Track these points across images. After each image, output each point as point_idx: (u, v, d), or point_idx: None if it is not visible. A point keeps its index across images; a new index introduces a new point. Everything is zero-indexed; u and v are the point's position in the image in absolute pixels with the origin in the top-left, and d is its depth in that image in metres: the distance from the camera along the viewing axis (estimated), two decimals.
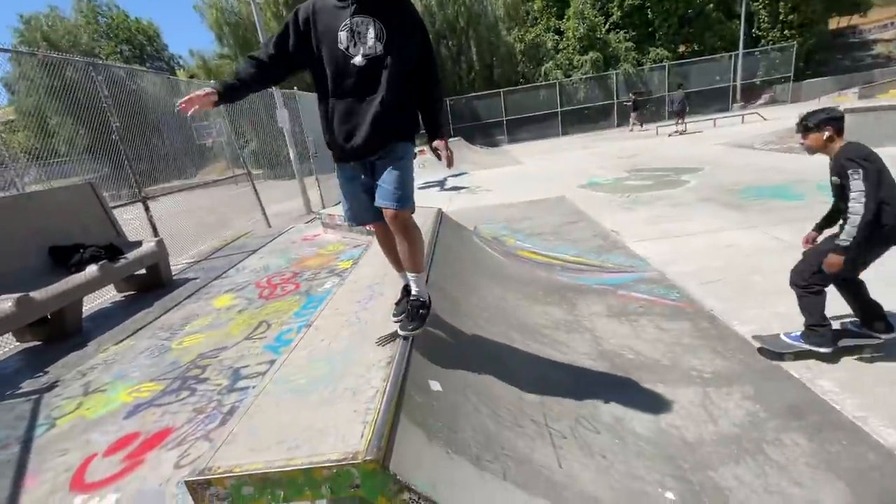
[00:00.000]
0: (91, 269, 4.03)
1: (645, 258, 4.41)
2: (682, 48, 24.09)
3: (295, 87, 10.09)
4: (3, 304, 3.23)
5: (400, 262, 2.11)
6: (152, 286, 5.00)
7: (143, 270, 4.89)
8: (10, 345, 3.88)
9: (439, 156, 2.08)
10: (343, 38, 1.79)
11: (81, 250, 4.22)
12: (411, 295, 2.08)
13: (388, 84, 1.80)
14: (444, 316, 2.56)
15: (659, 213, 5.95)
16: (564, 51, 23.56)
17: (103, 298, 4.90)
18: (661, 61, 22.65)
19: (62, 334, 3.90)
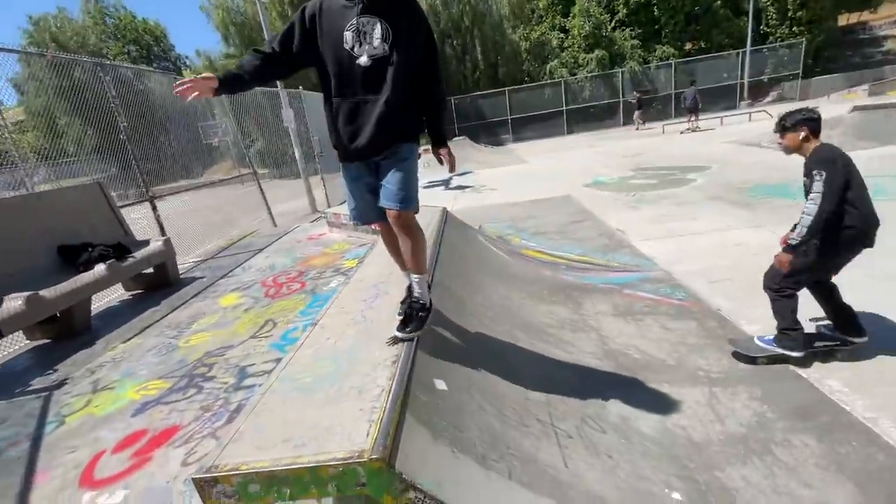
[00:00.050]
0: (99, 267, 4.07)
1: (651, 257, 4.39)
2: (688, 46, 23.90)
3: (300, 87, 10.12)
4: (13, 302, 3.27)
5: (405, 262, 2.12)
6: (160, 285, 5.04)
7: (150, 269, 4.93)
8: (20, 342, 3.93)
9: (441, 160, 2.09)
10: (349, 38, 1.79)
11: (90, 249, 4.26)
12: (412, 297, 2.08)
13: (392, 84, 1.80)
14: (450, 315, 2.56)
15: (665, 212, 5.91)
16: (570, 49, 23.45)
17: (111, 297, 4.95)
18: (668, 59, 22.49)
19: (71, 332, 3.94)
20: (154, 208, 6.05)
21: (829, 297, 2.53)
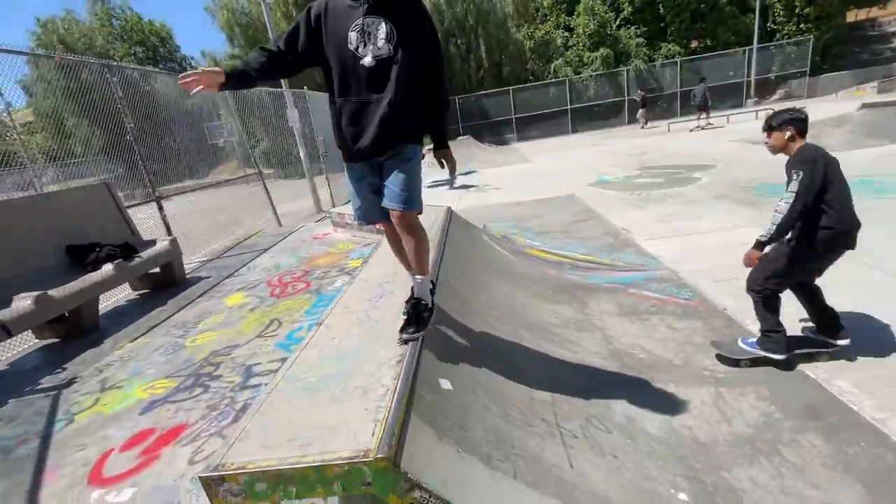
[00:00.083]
0: (107, 267, 4.10)
1: (656, 256, 4.37)
2: (694, 43, 23.73)
3: (305, 87, 10.15)
4: (22, 301, 3.31)
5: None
6: (166, 284, 5.08)
7: (157, 269, 4.97)
8: (29, 342, 3.98)
9: (442, 164, 2.09)
10: (353, 38, 1.79)
11: (98, 249, 4.30)
12: (415, 297, 2.08)
13: (396, 85, 1.79)
14: (454, 314, 2.56)
15: (670, 211, 5.88)
16: (574, 47, 23.35)
17: (119, 296, 4.99)
18: (673, 57, 22.33)
19: (79, 331, 3.98)
20: (160, 208, 6.09)
21: (812, 299, 2.55)
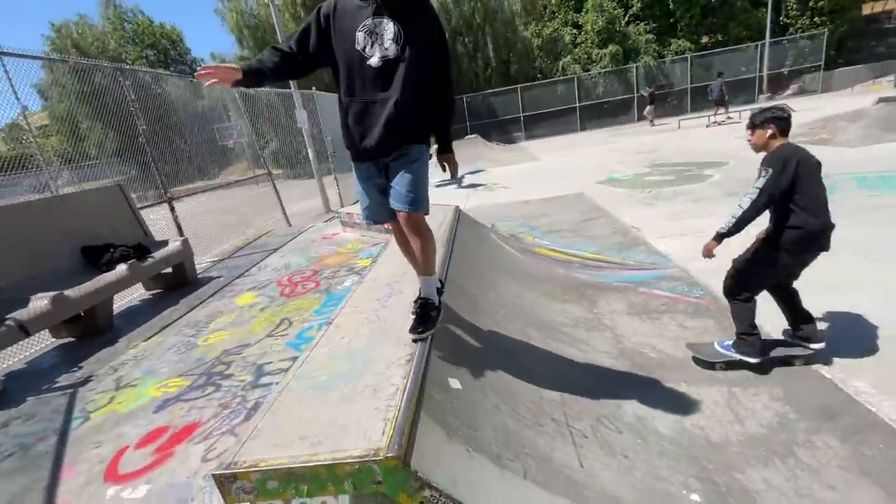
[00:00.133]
0: (121, 268, 4.17)
1: (667, 255, 4.33)
2: (705, 39, 23.41)
3: (313, 88, 10.21)
4: (39, 301, 3.37)
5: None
6: (178, 284, 5.14)
7: (169, 269, 5.03)
8: (46, 341, 4.05)
9: (444, 167, 2.09)
10: (360, 38, 1.79)
11: (112, 250, 4.37)
12: (421, 297, 2.09)
13: (403, 85, 1.79)
14: (463, 313, 2.56)
15: (681, 209, 5.81)
16: (583, 45, 23.18)
17: (132, 296, 5.06)
18: (684, 53, 22.06)
19: (94, 331, 4.04)
20: (172, 209, 6.16)
21: (788, 301, 2.54)
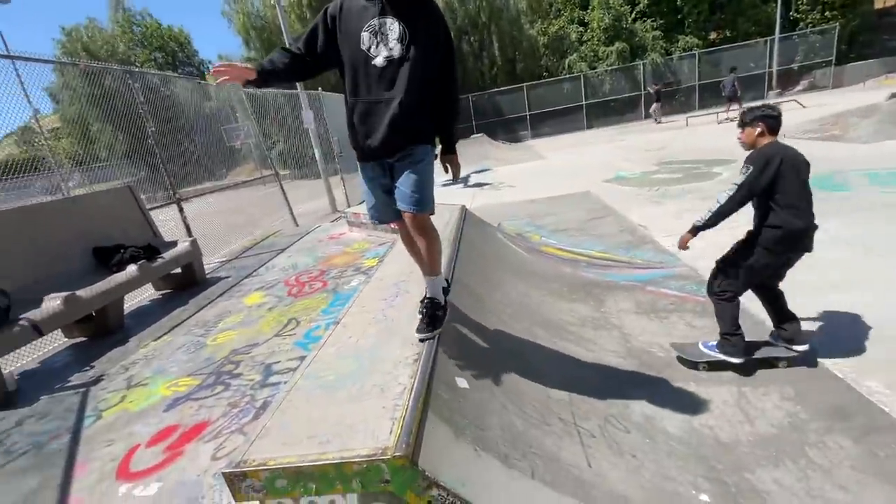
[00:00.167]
0: (131, 268, 4.22)
1: (675, 253, 4.29)
2: (713, 35, 23.16)
3: (319, 88, 10.25)
4: (52, 302, 3.42)
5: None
6: (187, 284, 5.19)
7: (178, 269, 5.08)
8: (58, 340, 4.12)
9: (447, 168, 2.09)
10: (365, 38, 1.80)
11: (122, 251, 4.42)
12: (427, 297, 2.09)
13: (407, 85, 1.79)
14: (469, 313, 2.56)
15: (689, 207, 5.76)
16: (589, 42, 23.03)
17: (142, 296, 5.12)
18: (691, 49, 21.85)
19: (106, 331, 4.10)
20: (181, 210, 6.22)
21: (774, 303, 2.52)
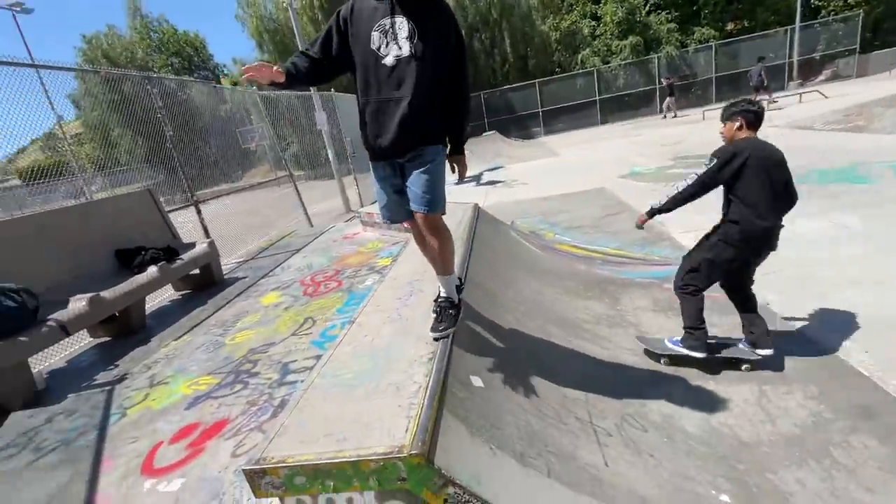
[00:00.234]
0: (152, 269, 4.32)
1: None
2: (730, 26, 22.63)
3: (332, 89, 10.34)
4: (78, 303, 3.53)
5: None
6: (206, 285, 5.30)
7: (196, 270, 5.19)
8: (84, 340, 4.24)
9: (453, 169, 2.08)
10: (375, 38, 1.80)
11: (143, 252, 4.53)
12: (440, 296, 2.09)
13: (417, 85, 1.78)
14: (483, 311, 2.56)
15: (706, 202, 5.64)
16: (602, 37, 22.72)
17: (163, 297, 5.25)
18: (708, 41, 21.38)
19: (128, 330, 4.21)
20: (199, 212, 6.35)
21: (745, 304, 2.50)
